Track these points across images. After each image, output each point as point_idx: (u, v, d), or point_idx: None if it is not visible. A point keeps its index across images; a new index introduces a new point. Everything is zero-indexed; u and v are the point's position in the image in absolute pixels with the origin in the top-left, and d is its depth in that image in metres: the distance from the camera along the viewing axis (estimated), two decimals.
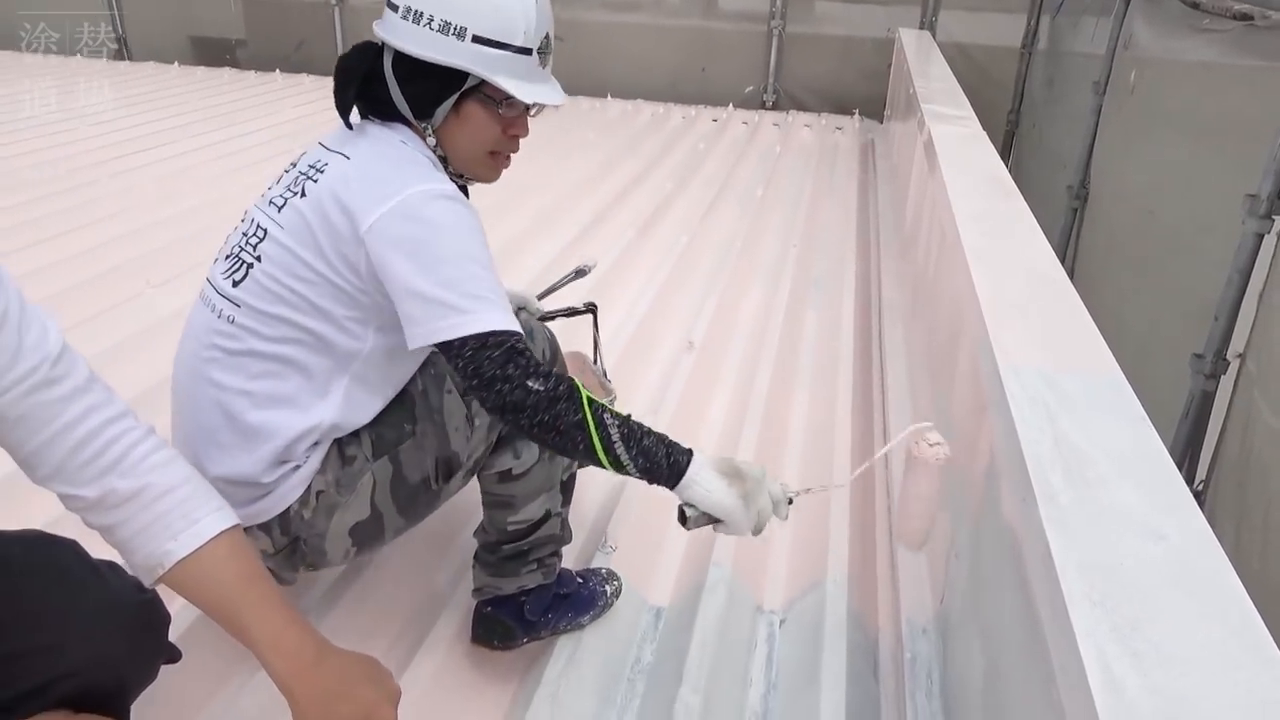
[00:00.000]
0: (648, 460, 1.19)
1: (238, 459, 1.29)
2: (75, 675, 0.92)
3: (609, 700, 1.51)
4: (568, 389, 1.18)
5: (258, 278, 1.27)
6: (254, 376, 1.28)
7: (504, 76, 1.26)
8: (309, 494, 1.32)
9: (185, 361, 1.35)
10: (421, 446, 1.37)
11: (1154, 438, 1.19)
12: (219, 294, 1.30)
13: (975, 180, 2.37)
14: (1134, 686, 0.79)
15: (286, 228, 1.26)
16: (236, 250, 1.31)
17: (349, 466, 1.34)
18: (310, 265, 1.24)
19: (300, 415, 1.29)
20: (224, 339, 1.28)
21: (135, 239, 3.44)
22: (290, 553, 1.38)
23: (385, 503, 1.38)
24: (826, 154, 5.41)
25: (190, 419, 1.33)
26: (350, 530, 1.38)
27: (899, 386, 2.43)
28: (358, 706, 0.93)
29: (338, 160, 1.28)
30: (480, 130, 1.32)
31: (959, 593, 1.48)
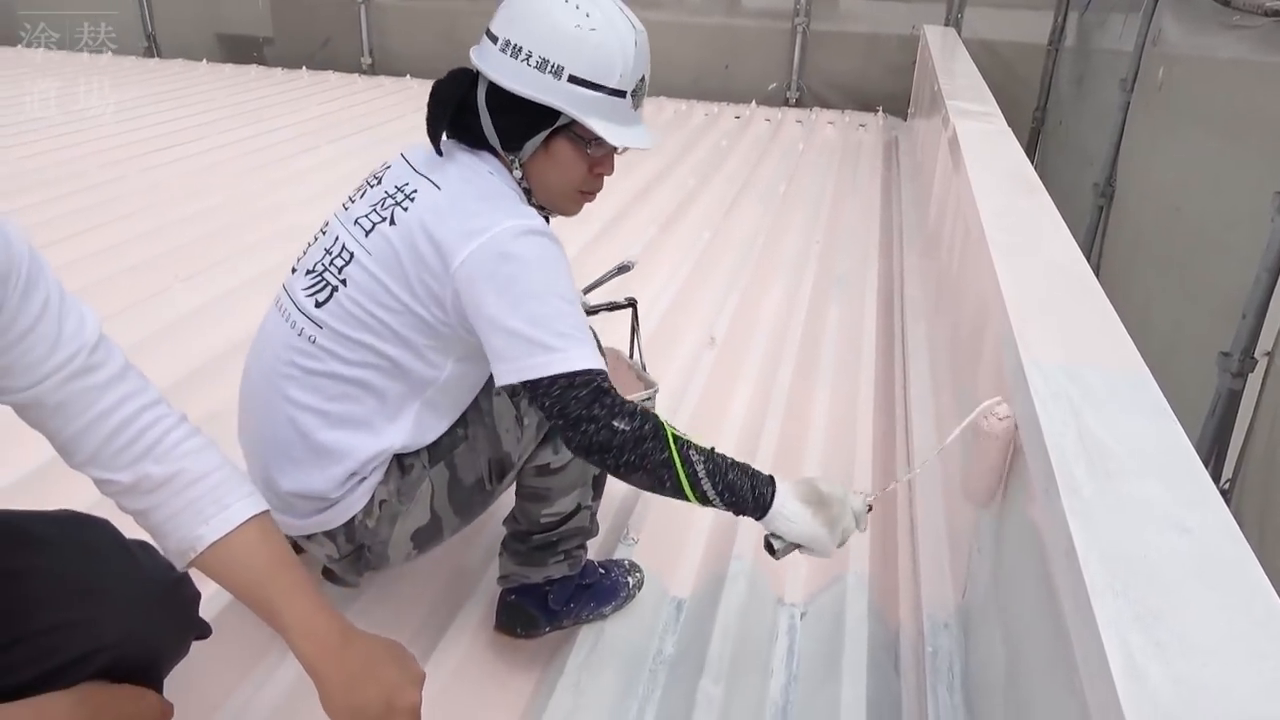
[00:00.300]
0: (733, 495, 1.21)
1: (310, 476, 1.32)
2: (110, 649, 0.94)
3: (631, 690, 1.52)
4: (653, 428, 1.19)
5: (342, 301, 1.28)
6: (330, 398, 1.30)
7: (596, 118, 1.26)
8: (372, 503, 1.35)
9: (261, 372, 1.36)
10: (474, 449, 1.39)
11: (1178, 432, 1.18)
12: (300, 311, 1.31)
13: (1000, 176, 2.36)
14: (1157, 675, 0.80)
15: (374, 255, 1.26)
16: (320, 269, 1.31)
17: (408, 475, 1.37)
18: (396, 295, 1.25)
19: (372, 438, 1.32)
20: (303, 357, 1.30)
21: (163, 234, 3.48)
22: (355, 559, 1.41)
23: (444, 507, 1.41)
24: (850, 151, 5.39)
25: (262, 430, 1.35)
26: (412, 535, 1.41)
27: (921, 383, 2.43)
28: (382, 688, 0.94)
29: (427, 189, 1.28)
30: (567, 168, 1.32)
31: (981, 587, 1.48)
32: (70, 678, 0.92)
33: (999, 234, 1.88)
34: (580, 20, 1.23)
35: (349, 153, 4.80)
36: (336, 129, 5.34)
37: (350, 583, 1.47)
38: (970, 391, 1.92)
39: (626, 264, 2.00)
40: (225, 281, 3.02)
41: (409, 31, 7.39)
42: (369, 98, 6.41)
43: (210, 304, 2.85)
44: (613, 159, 1.36)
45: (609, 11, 1.26)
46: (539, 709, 1.44)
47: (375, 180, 1.36)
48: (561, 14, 1.23)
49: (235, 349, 2.51)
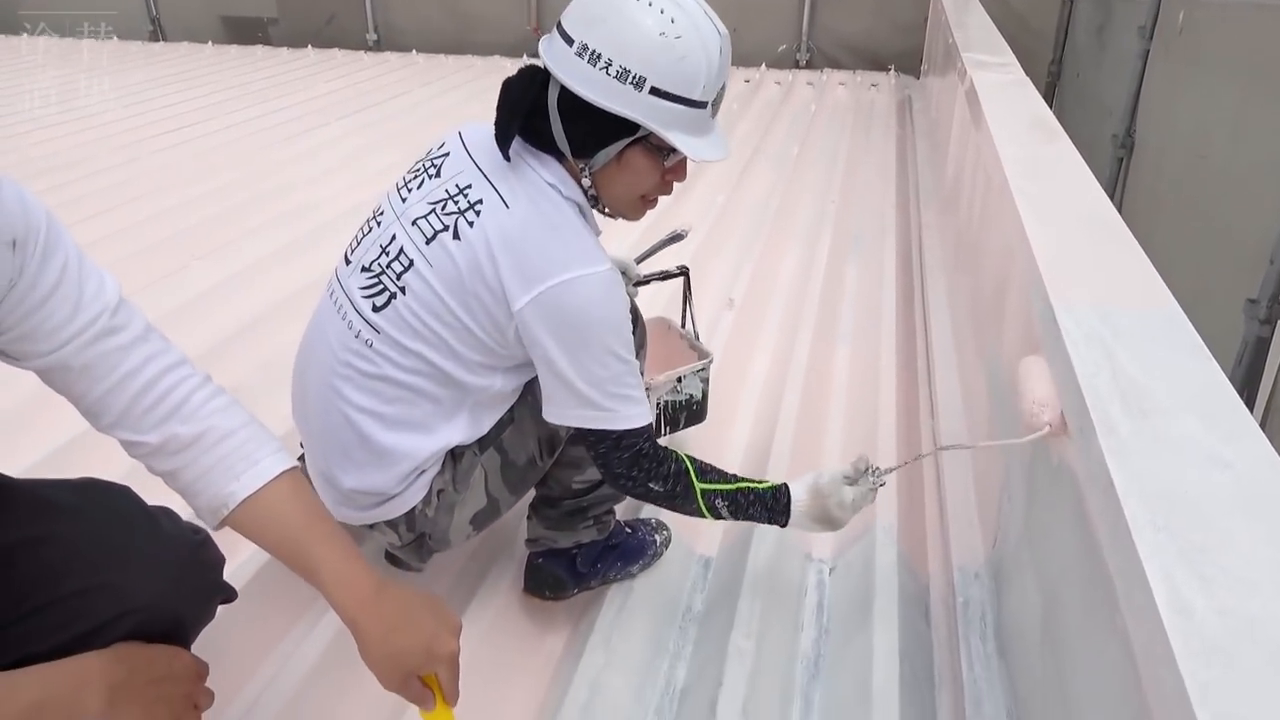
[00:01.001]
0: (751, 522, 1.41)
1: (371, 475, 1.32)
2: (137, 612, 0.94)
3: (662, 646, 1.53)
4: (684, 488, 1.33)
5: (400, 310, 1.25)
6: (386, 401, 1.29)
7: (676, 131, 1.20)
8: (430, 494, 1.35)
9: (317, 368, 1.35)
10: (522, 430, 1.38)
11: (1215, 368, 1.16)
12: (357, 311, 1.29)
13: (1020, 125, 2.32)
14: (1203, 609, 0.78)
15: (435, 268, 1.23)
16: (378, 270, 1.28)
17: (460, 463, 1.36)
18: (454, 313, 1.23)
19: (430, 438, 1.31)
20: (360, 360, 1.28)
21: (176, 214, 3.49)
22: (418, 546, 1.42)
23: (499, 489, 1.41)
24: (862, 111, 5.32)
25: (322, 427, 1.35)
26: (470, 520, 1.42)
27: (943, 339, 2.40)
28: (421, 636, 0.94)
29: (494, 205, 1.22)
30: (640, 178, 1.28)
31: (1013, 535, 1.47)
32: (99, 642, 0.92)
33: (1022, 181, 1.85)
34: (665, 27, 1.15)
35: (356, 130, 4.78)
36: (344, 106, 5.31)
37: (415, 568, 1.46)
38: (995, 345, 1.90)
39: (679, 232, 1.97)
40: (240, 259, 3.02)
41: (413, 6, 7.34)
42: (376, 74, 6.37)
43: (225, 282, 2.85)
44: (685, 167, 1.31)
45: (695, 17, 1.18)
46: (570, 667, 1.44)
47: (433, 169, 1.30)
48: (645, 20, 1.15)
49: (253, 324, 2.53)
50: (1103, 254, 1.55)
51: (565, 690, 1.38)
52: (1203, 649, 0.74)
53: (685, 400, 1.87)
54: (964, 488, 1.81)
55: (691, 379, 1.86)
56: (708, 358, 1.89)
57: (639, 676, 1.46)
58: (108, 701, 0.89)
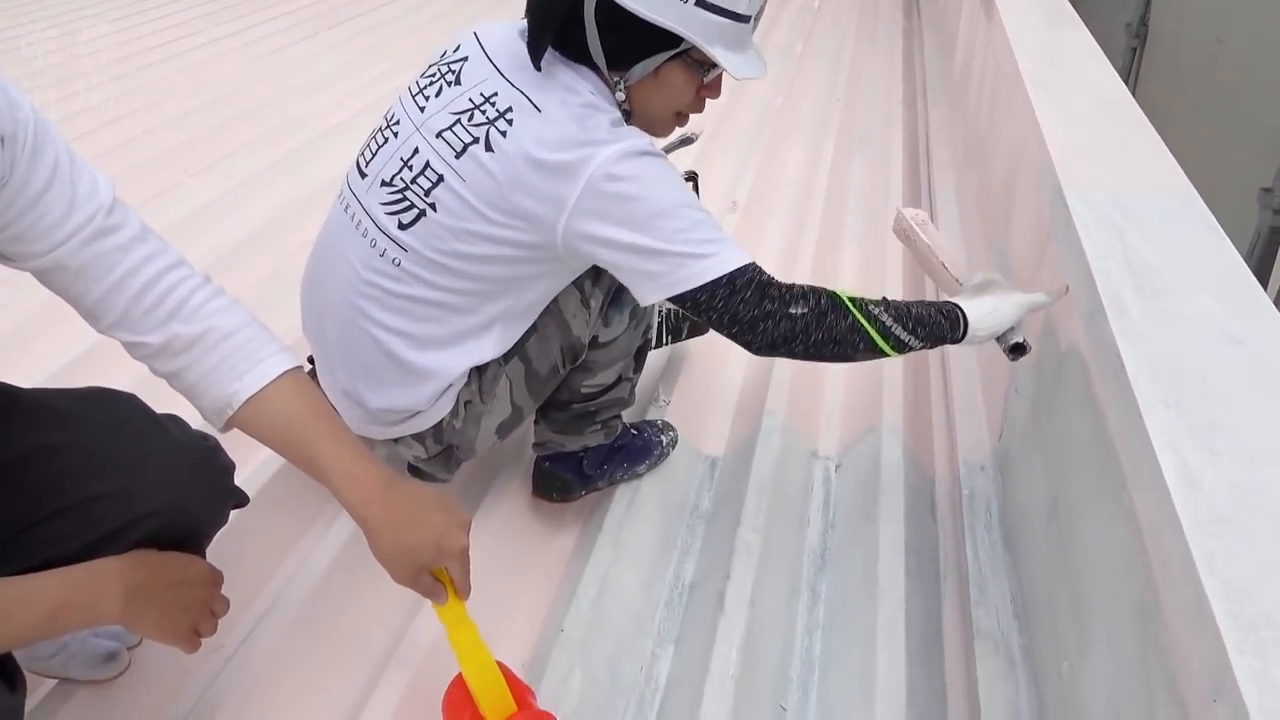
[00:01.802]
0: (926, 328, 1.22)
1: (402, 394, 1.29)
2: (150, 517, 0.94)
3: (670, 542, 1.55)
4: (829, 301, 1.18)
5: (431, 228, 1.20)
6: (416, 320, 1.25)
7: (719, 46, 1.15)
8: (458, 405, 1.34)
9: (336, 288, 1.30)
10: (545, 338, 1.36)
11: (1229, 248, 1.14)
12: (380, 230, 1.23)
13: (1033, 10, 2.24)
14: (1211, 480, 0.78)
15: (469, 181, 1.17)
16: (401, 185, 1.22)
17: (485, 374, 1.34)
18: (495, 223, 1.17)
19: (461, 355, 1.28)
20: (387, 280, 1.24)
21: (169, 130, 3.41)
22: (445, 457, 1.41)
23: (523, 397, 1.39)
24: (868, 5, 5.14)
25: (345, 347, 1.31)
26: (496, 429, 1.40)
27: (951, 231, 2.37)
28: (430, 530, 0.95)
29: (526, 111, 1.16)
30: (676, 93, 1.22)
31: (1019, 426, 1.47)
32: (113, 548, 0.93)
33: (1034, 67, 1.79)
34: None
35: (346, 39, 4.64)
36: (333, 15, 5.14)
37: (443, 478, 1.46)
38: (1004, 239, 1.86)
39: (690, 135, 1.91)
40: (235, 174, 2.97)
41: None
42: None
43: (221, 197, 2.80)
44: (721, 83, 1.25)
45: None
46: (581, 564, 1.46)
47: (451, 75, 1.24)
48: None
49: (251, 239, 2.50)
50: (1116, 138, 1.51)
51: (576, 585, 1.40)
52: (1210, 519, 0.74)
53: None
54: (969, 381, 1.81)
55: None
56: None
57: (648, 571, 1.48)
58: (125, 605, 0.90)
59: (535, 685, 1.21)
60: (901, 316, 1.20)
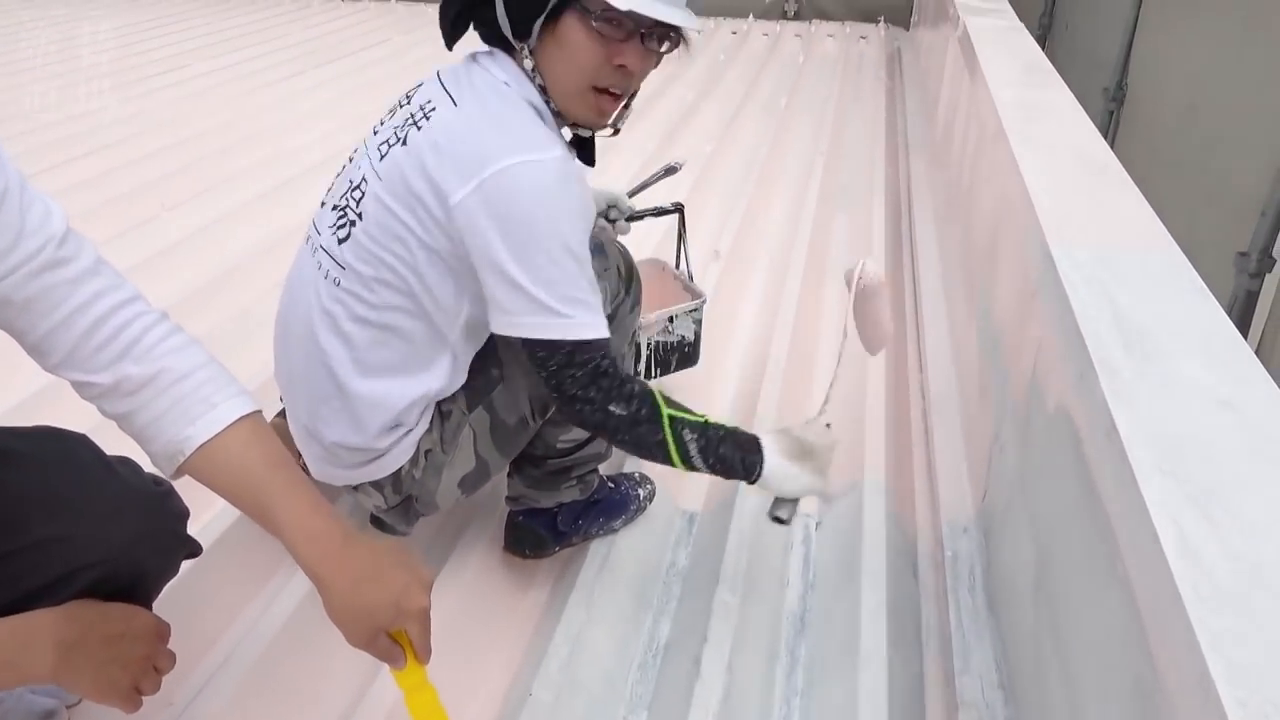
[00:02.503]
0: (723, 465, 1.23)
1: (350, 427, 1.25)
2: (94, 566, 0.89)
3: (645, 602, 1.49)
4: (649, 412, 1.18)
5: (359, 238, 1.18)
6: (361, 345, 1.22)
7: None
8: (418, 454, 1.29)
9: (296, 316, 1.28)
10: (513, 389, 1.31)
11: (1218, 311, 1.12)
12: (326, 251, 1.23)
13: (1016, 69, 2.26)
14: (1212, 554, 0.75)
15: (385, 180, 1.16)
16: (344, 204, 1.22)
17: (448, 422, 1.30)
18: (404, 222, 1.15)
19: (409, 383, 1.24)
20: (331, 302, 1.22)
21: (149, 162, 3.38)
22: (404, 509, 1.36)
23: (488, 449, 1.34)
24: (851, 63, 5.22)
25: (302, 378, 1.29)
26: (459, 482, 1.35)
27: (933, 288, 2.36)
28: (388, 589, 0.89)
29: (445, 106, 1.16)
30: (578, 53, 1.14)
31: (1004, 486, 1.44)
32: (54, 597, 0.88)
33: (1018, 124, 1.80)
34: None
35: (332, 79, 4.65)
36: (320, 55, 5.17)
37: (401, 532, 1.40)
38: (987, 293, 1.85)
39: (674, 165, 1.90)
40: (213, 209, 2.94)
41: None
42: (353, 22, 6.20)
43: (197, 232, 2.77)
44: (636, 48, 1.16)
45: None
46: (551, 623, 1.40)
47: (406, 100, 1.24)
48: None
49: (225, 275, 2.45)
50: (1100, 197, 1.50)
51: (546, 646, 1.35)
52: (1213, 594, 0.70)
53: (677, 341, 1.81)
54: (953, 440, 1.78)
55: (683, 319, 1.80)
56: (701, 298, 1.83)
57: (622, 632, 1.43)
58: (58, 661, 0.84)
59: None
60: (706, 450, 1.20)
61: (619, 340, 1.40)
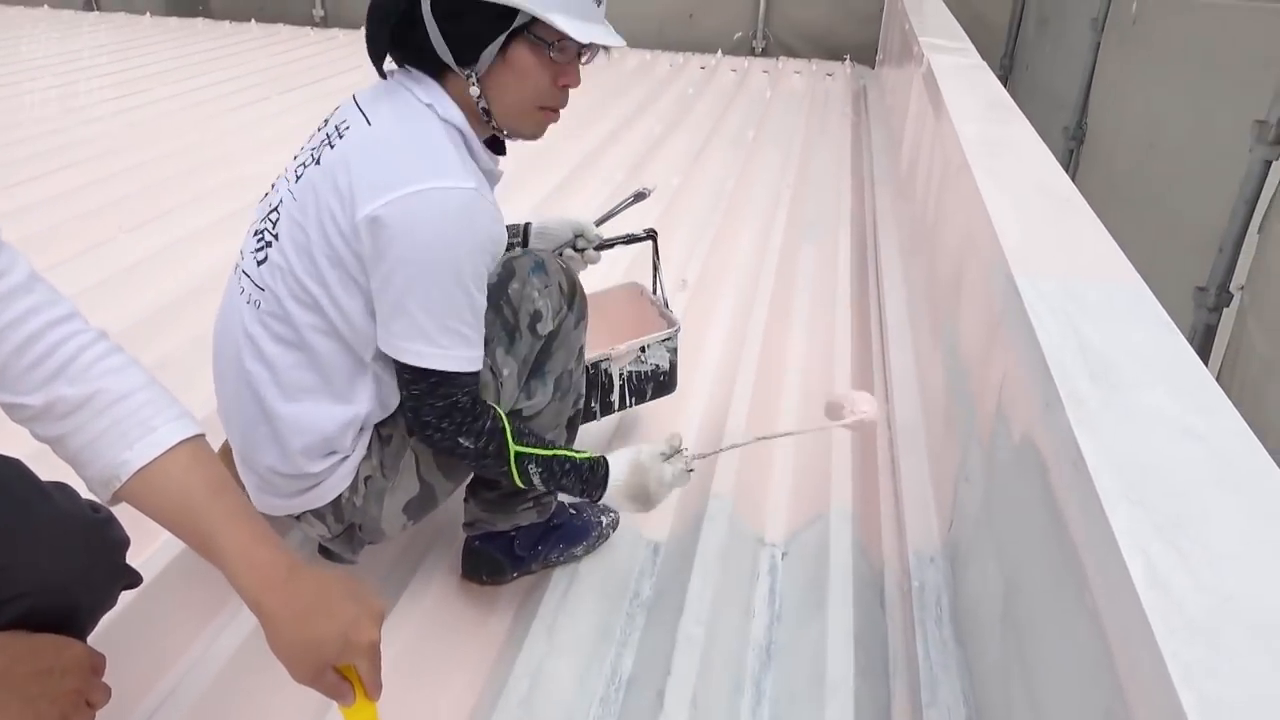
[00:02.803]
0: (565, 490, 1.30)
1: (279, 451, 1.23)
2: (24, 597, 0.84)
3: (608, 633, 1.46)
4: (497, 448, 1.22)
5: (274, 258, 1.19)
6: (281, 368, 1.21)
7: (558, 13, 1.13)
8: (357, 480, 1.27)
9: (223, 343, 1.28)
10: None
11: (1181, 342, 1.13)
12: (247, 275, 1.23)
13: (979, 105, 2.29)
14: (1181, 584, 0.73)
15: (299, 200, 1.17)
16: (262, 226, 1.23)
17: (388, 446, 1.28)
18: (313, 239, 1.15)
19: (334, 407, 1.23)
20: (254, 325, 1.21)
21: (107, 184, 3.32)
22: (349, 537, 1.33)
23: (432, 473, 1.32)
24: (818, 100, 5.29)
25: (232, 404, 1.27)
26: (404, 508, 1.33)
27: (898, 320, 2.37)
28: (338, 623, 0.85)
29: (359, 125, 1.17)
30: (529, 78, 1.19)
31: (970, 517, 1.43)
32: None
33: (982, 158, 1.81)
34: None
35: (299, 104, 4.62)
36: (287, 81, 5.14)
37: (348, 560, 1.38)
38: (952, 325, 1.86)
39: (643, 191, 1.89)
40: (173, 231, 2.89)
41: None
42: (321, 49, 6.18)
43: (157, 254, 2.71)
44: (578, 68, 1.24)
45: None
46: (511, 656, 1.36)
47: (324, 123, 1.26)
48: None
49: (184, 299, 2.40)
50: (1064, 229, 1.51)
51: (505, 681, 1.30)
52: (1184, 626, 0.69)
53: (651, 370, 1.79)
54: (919, 470, 1.77)
55: (656, 349, 1.78)
56: (675, 326, 1.81)
57: (583, 665, 1.39)
58: None
59: None
60: (549, 480, 1.27)
61: (565, 356, 1.39)
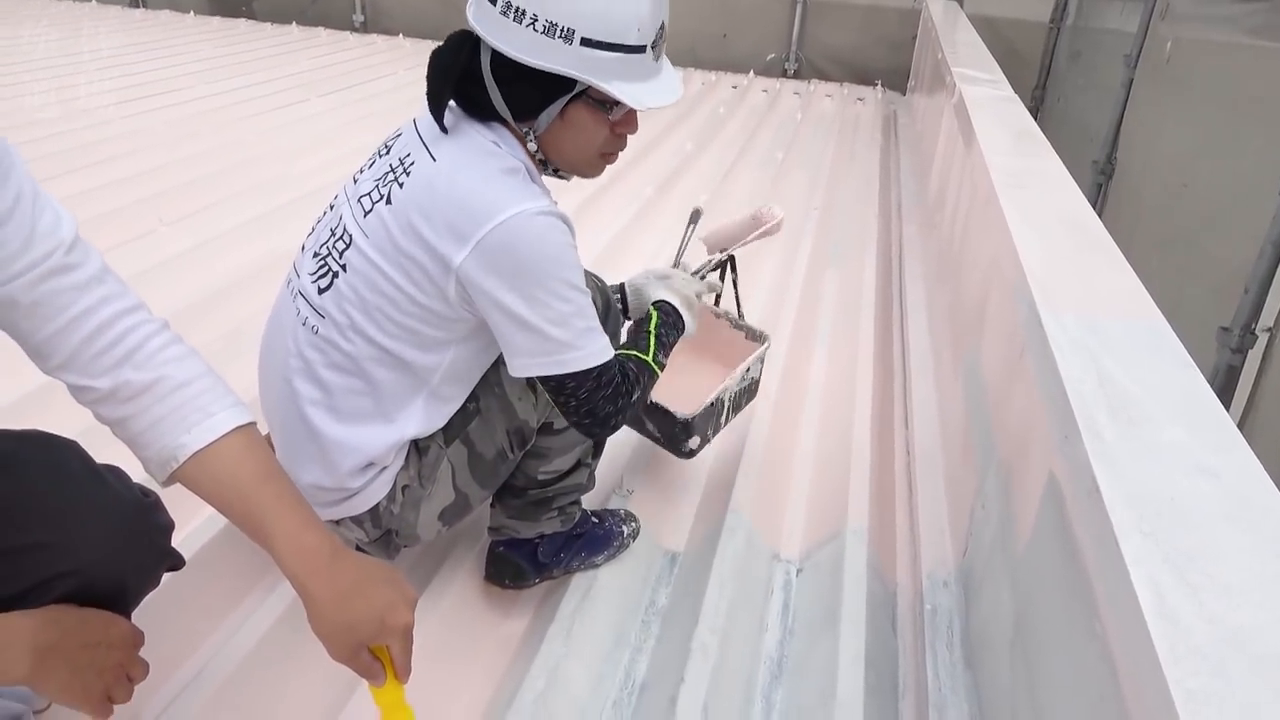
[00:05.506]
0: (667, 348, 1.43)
1: (323, 470, 1.26)
2: (75, 574, 0.88)
3: (623, 639, 1.49)
4: (649, 377, 1.34)
5: (341, 289, 1.20)
6: (335, 392, 1.23)
7: (616, 80, 1.14)
8: (395, 490, 1.30)
9: (273, 359, 1.30)
10: (489, 422, 1.32)
11: (1200, 381, 1.15)
12: (304, 297, 1.24)
13: (1009, 137, 2.32)
14: (1190, 616, 0.76)
15: (371, 238, 1.18)
16: (325, 252, 1.24)
17: (425, 457, 1.31)
18: (394, 282, 1.16)
19: (383, 430, 1.25)
20: (308, 349, 1.23)
21: (148, 178, 3.40)
22: (385, 542, 1.36)
23: (467, 483, 1.35)
24: (848, 123, 5.33)
25: (279, 421, 1.30)
26: (439, 515, 1.36)
27: (921, 347, 2.39)
28: (375, 606, 0.90)
29: (424, 162, 1.18)
30: (587, 134, 1.22)
31: (985, 543, 1.45)
32: (33, 602, 0.87)
33: (1010, 190, 1.84)
34: None
35: (337, 108, 4.70)
36: (326, 84, 5.23)
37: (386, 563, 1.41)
38: (974, 354, 1.88)
39: (696, 210, 1.94)
40: (210, 228, 2.95)
41: None
42: (360, 55, 6.28)
43: (194, 249, 2.78)
44: (636, 116, 1.25)
45: None
46: (529, 655, 1.40)
47: (385, 149, 1.27)
48: None
49: (219, 293, 2.46)
50: (1088, 264, 1.54)
51: (522, 678, 1.34)
52: (1189, 654, 0.71)
53: (750, 385, 1.84)
54: (935, 494, 1.80)
55: (755, 365, 1.84)
56: (766, 340, 1.86)
57: (598, 668, 1.42)
58: (34, 665, 0.84)
59: None
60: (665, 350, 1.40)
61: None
